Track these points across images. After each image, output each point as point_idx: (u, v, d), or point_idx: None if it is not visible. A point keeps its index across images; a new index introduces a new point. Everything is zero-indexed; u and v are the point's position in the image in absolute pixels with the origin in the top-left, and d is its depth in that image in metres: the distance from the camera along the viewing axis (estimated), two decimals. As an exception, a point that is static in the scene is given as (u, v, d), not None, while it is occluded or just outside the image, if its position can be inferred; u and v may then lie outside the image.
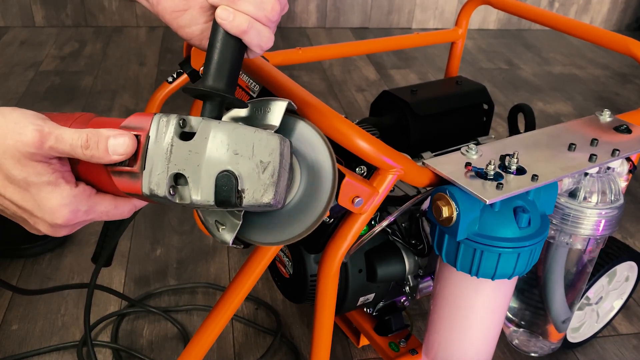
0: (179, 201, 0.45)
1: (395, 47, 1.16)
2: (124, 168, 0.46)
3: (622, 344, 1.06)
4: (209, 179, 0.44)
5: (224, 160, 0.44)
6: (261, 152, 0.45)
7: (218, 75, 0.50)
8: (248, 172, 0.45)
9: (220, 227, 0.50)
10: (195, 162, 0.44)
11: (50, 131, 0.45)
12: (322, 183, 0.52)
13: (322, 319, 0.70)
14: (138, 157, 0.45)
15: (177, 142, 0.45)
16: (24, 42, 2.27)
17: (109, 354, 0.97)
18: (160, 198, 0.45)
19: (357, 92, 2.03)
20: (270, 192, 0.45)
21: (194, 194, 0.44)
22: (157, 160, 0.45)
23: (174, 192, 0.45)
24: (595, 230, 0.76)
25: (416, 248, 0.78)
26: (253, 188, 0.45)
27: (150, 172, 0.45)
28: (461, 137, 0.95)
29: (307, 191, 0.52)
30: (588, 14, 2.86)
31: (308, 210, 0.52)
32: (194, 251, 1.22)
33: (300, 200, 0.52)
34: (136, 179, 0.45)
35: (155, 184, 0.45)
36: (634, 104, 2.11)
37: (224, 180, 0.44)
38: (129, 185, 0.46)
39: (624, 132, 0.77)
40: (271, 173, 0.45)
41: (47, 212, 0.47)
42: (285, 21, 2.62)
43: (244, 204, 0.45)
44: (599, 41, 0.94)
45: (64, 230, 0.50)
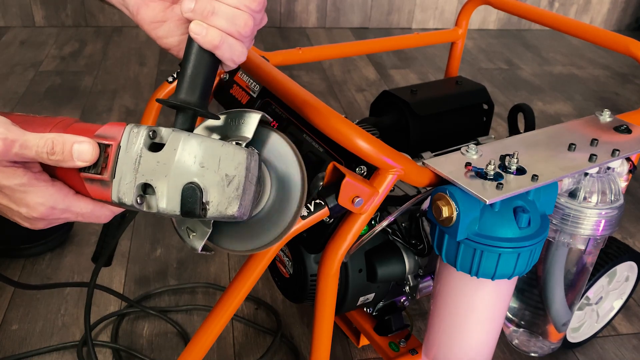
0: (146, 209, 0.46)
1: (395, 47, 1.16)
2: (95, 176, 0.47)
3: (622, 344, 1.06)
4: (176, 190, 0.45)
5: (190, 173, 0.46)
6: (227, 165, 0.46)
7: (190, 89, 0.51)
8: (213, 185, 0.46)
9: (191, 234, 0.52)
10: (163, 172, 0.45)
11: (14, 138, 0.46)
12: (291, 194, 0.53)
13: (322, 319, 0.70)
14: (109, 166, 0.47)
15: (145, 153, 0.46)
16: (24, 42, 2.27)
17: (109, 354, 0.97)
18: (128, 206, 0.46)
19: (357, 92, 2.03)
20: (235, 205, 0.47)
21: (160, 204, 0.46)
22: (126, 170, 0.46)
23: (142, 200, 0.46)
24: (595, 230, 0.76)
25: (416, 248, 0.78)
26: (217, 200, 0.46)
27: (120, 181, 0.46)
28: (461, 137, 0.96)
29: (276, 202, 0.53)
30: (588, 14, 2.86)
31: (277, 221, 0.53)
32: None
33: (270, 210, 0.53)
34: (106, 187, 0.47)
35: (124, 193, 0.46)
36: (634, 104, 2.11)
37: (189, 192, 0.45)
38: (99, 192, 0.47)
39: (624, 132, 0.77)
40: (236, 187, 0.47)
41: (23, 207, 0.48)
42: (286, 21, 2.62)
43: (208, 215, 0.46)
44: (599, 41, 0.94)
45: (42, 224, 0.51)
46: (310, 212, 0.63)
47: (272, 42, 2.44)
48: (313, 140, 0.77)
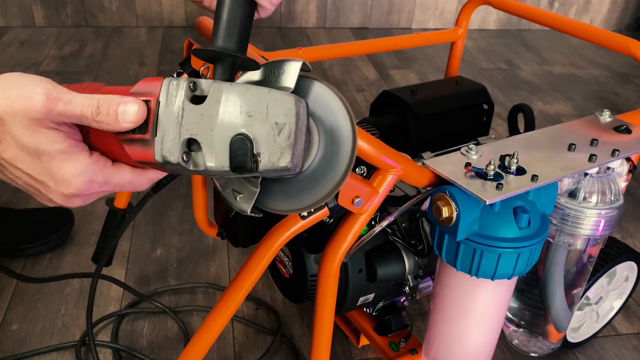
0: (193, 168, 0.43)
1: (395, 47, 1.16)
2: (135, 136, 0.43)
3: (622, 344, 1.06)
4: (223, 143, 0.42)
5: (237, 124, 0.42)
6: (276, 113, 0.43)
7: (228, 35, 0.48)
8: (263, 134, 0.43)
9: (238, 196, 0.49)
10: (208, 126, 0.42)
11: (59, 96, 0.43)
12: (341, 146, 0.49)
13: (322, 319, 0.70)
14: (149, 124, 0.43)
15: (188, 106, 0.43)
16: (24, 42, 2.27)
17: (109, 354, 0.97)
18: (174, 165, 0.43)
19: (357, 92, 2.03)
20: (287, 155, 0.43)
21: (208, 160, 0.42)
22: (168, 125, 0.43)
23: (188, 158, 0.43)
24: (595, 230, 0.76)
25: (416, 248, 0.78)
26: (269, 151, 0.43)
27: (162, 139, 0.43)
28: (461, 137, 0.95)
29: (325, 155, 0.49)
30: (588, 14, 2.86)
31: (327, 176, 0.49)
32: (194, 251, 1.22)
33: (318, 165, 0.50)
34: (148, 147, 0.43)
35: (168, 151, 0.42)
36: (634, 104, 2.11)
37: (238, 145, 0.42)
38: (141, 154, 0.44)
39: (623, 132, 0.77)
40: (287, 135, 0.43)
41: (60, 182, 0.45)
42: (286, 21, 2.62)
43: (260, 168, 0.43)
44: (599, 41, 0.94)
45: (78, 201, 0.47)
46: (310, 212, 0.63)
47: (272, 42, 2.44)
48: (313, 140, 0.77)
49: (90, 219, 1.28)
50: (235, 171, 0.43)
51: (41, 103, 0.42)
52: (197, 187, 1.03)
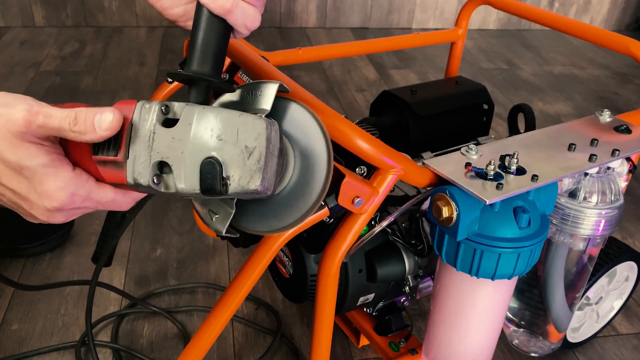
0: (164, 190, 0.44)
1: (395, 47, 1.16)
2: (108, 157, 0.44)
3: (622, 344, 1.06)
4: (194, 166, 0.43)
5: (208, 147, 0.43)
6: (247, 137, 0.44)
7: (202, 59, 0.48)
8: (233, 158, 0.43)
9: (214, 217, 0.49)
10: (179, 149, 0.43)
11: (39, 110, 0.44)
12: (316, 169, 0.49)
13: (322, 319, 0.70)
14: (122, 146, 0.44)
15: (159, 129, 0.43)
16: (24, 42, 2.27)
17: (109, 354, 0.97)
18: (145, 187, 0.44)
19: (357, 92, 2.03)
20: (257, 178, 0.44)
21: (178, 182, 0.43)
22: (139, 149, 0.43)
23: (159, 180, 0.44)
24: (595, 230, 0.76)
25: (416, 248, 0.78)
26: (239, 174, 0.43)
27: (134, 161, 0.44)
28: (461, 137, 0.95)
29: (301, 176, 0.50)
30: (588, 14, 2.86)
31: (303, 197, 0.50)
32: (194, 251, 1.22)
33: (294, 186, 0.50)
34: (121, 169, 0.44)
35: (139, 173, 0.43)
36: (634, 104, 2.11)
37: (208, 168, 0.43)
38: (114, 175, 0.45)
39: (624, 132, 0.77)
40: (257, 158, 0.44)
41: (43, 196, 0.46)
42: (286, 21, 2.62)
43: (230, 191, 0.44)
44: (599, 41, 0.94)
45: (60, 216, 0.48)
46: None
47: (272, 42, 2.44)
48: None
49: (90, 219, 1.28)
50: (205, 194, 0.44)
51: (22, 117, 0.44)
52: (197, 187, 1.03)
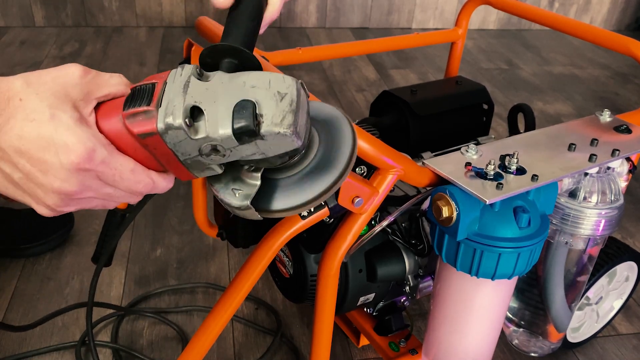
0: (194, 136, 0.43)
1: (395, 47, 1.16)
2: (139, 109, 0.44)
3: (622, 344, 1.06)
4: (227, 109, 0.43)
5: (241, 92, 0.44)
6: (278, 85, 0.45)
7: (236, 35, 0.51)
8: (266, 99, 0.44)
9: (237, 192, 0.49)
10: (212, 98, 0.43)
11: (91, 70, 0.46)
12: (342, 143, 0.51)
13: (322, 319, 0.70)
14: (154, 97, 0.44)
15: (193, 80, 0.44)
16: (24, 42, 2.27)
17: (109, 354, 0.97)
18: (176, 130, 0.43)
19: (357, 92, 2.03)
20: (290, 118, 0.43)
21: (210, 126, 0.43)
22: (173, 95, 0.43)
23: (190, 124, 0.43)
24: (595, 230, 0.76)
25: (416, 248, 0.78)
26: (272, 113, 0.43)
27: (167, 107, 0.43)
28: (461, 137, 0.96)
29: (325, 153, 0.51)
30: (588, 14, 2.86)
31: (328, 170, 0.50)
32: (194, 251, 1.22)
33: (319, 161, 0.51)
34: (151, 117, 0.43)
35: (171, 114, 0.43)
36: (634, 104, 2.11)
37: (241, 106, 0.43)
38: (143, 125, 0.44)
39: (624, 132, 0.77)
40: (289, 102, 0.44)
41: (60, 149, 0.43)
42: (286, 21, 2.62)
43: (262, 130, 0.43)
44: (599, 41, 0.94)
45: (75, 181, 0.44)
46: (310, 212, 0.63)
47: (272, 42, 2.44)
48: (313, 140, 0.77)
49: (90, 219, 1.28)
50: (237, 136, 0.43)
51: (78, 71, 0.45)
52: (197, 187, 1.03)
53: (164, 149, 0.45)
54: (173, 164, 0.46)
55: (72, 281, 1.12)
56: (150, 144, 0.45)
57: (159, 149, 0.45)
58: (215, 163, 0.46)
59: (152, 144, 0.45)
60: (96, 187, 0.46)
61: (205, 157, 0.45)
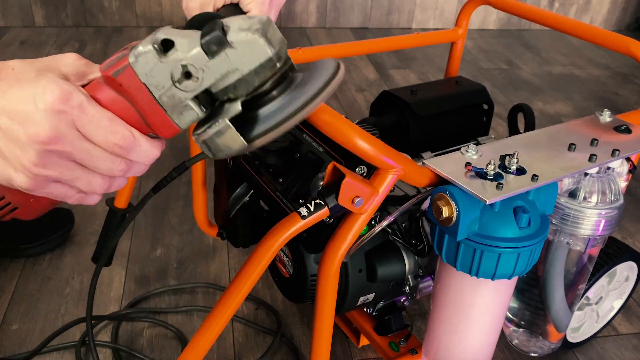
0: (164, 60, 0.43)
1: (395, 47, 1.16)
2: (114, 55, 0.45)
3: (622, 344, 1.06)
4: (195, 33, 0.44)
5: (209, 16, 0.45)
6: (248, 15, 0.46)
7: None
8: (234, 19, 0.45)
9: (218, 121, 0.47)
10: (184, 34, 0.44)
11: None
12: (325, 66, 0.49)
13: (322, 319, 0.70)
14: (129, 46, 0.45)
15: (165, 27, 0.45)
16: (24, 42, 2.27)
17: (109, 354, 0.97)
18: (145, 53, 0.43)
19: (357, 92, 2.03)
20: (256, 24, 0.44)
21: (180, 50, 0.43)
22: (144, 39, 0.44)
23: (160, 49, 0.43)
24: (595, 230, 0.76)
25: (416, 248, 0.78)
26: (238, 24, 0.44)
27: (138, 45, 0.44)
28: (461, 137, 0.96)
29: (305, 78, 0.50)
30: (588, 14, 2.86)
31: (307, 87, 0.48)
32: (194, 251, 1.22)
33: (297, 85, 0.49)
34: (124, 57, 0.44)
35: (142, 44, 0.43)
36: (634, 104, 2.11)
37: (209, 25, 0.43)
38: (117, 64, 0.44)
39: (624, 132, 0.77)
40: (258, 19, 0.45)
41: (39, 93, 0.42)
42: (286, 21, 2.63)
43: (229, 36, 0.43)
44: (599, 41, 0.94)
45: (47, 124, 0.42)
46: (310, 212, 0.63)
47: (272, 42, 2.44)
48: (313, 140, 0.77)
49: (90, 219, 1.28)
50: (205, 46, 0.43)
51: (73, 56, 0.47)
52: (197, 187, 1.03)
53: (137, 84, 0.44)
54: (150, 108, 0.45)
55: (72, 281, 1.12)
56: (124, 82, 0.44)
57: (132, 87, 0.44)
58: (191, 93, 0.45)
59: (125, 82, 0.44)
60: (72, 139, 0.44)
61: (179, 85, 0.44)
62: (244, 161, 0.86)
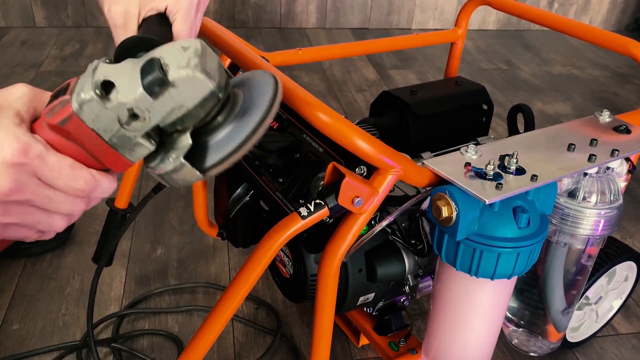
0: (108, 105, 0.43)
1: (395, 48, 1.16)
2: (55, 102, 0.44)
3: (621, 344, 1.06)
4: (135, 74, 0.44)
5: (146, 58, 0.45)
6: (181, 43, 0.45)
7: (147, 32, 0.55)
8: (170, 53, 0.44)
9: (171, 158, 0.48)
10: (122, 73, 0.44)
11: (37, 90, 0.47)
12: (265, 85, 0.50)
13: (322, 318, 0.70)
14: (68, 90, 0.45)
15: (102, 64, 0.45)
16: (24, 43, 2.27)
17: (109, 354, 0.98)
18: (89, 104, 0.43)
19: (357, 92, 2.03)
20: (195, 60, 0.44)
21: (121, 92, 0.43)
22: (85, 80, 0.44)
23: (102, 94, 0.43)
24: (594, 230, 0.76)
25: (416, 248, 0.78)
26: (177, 61, 0.44)
27: (79, 89, 0.44)
28: (461, 137, 0.96)
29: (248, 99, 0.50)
30: (587, 14, 2.86)
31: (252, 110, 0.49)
32: (194, 251, 1.22)
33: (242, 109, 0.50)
34: (66, 103, 0.44)
35: (83, 92, 0.43)
36: (633, 104, 2.11)
37: (147, 65, 0.44)
38: (60, 113, 0.44)
39: (623, 133, 0.77)
40: (194, 51, 0.45)
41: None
42: (286, 22, 2.63)
43: (170, 76, 0.44)
44: (599, 42, 0.94)
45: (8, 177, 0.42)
46: (310, 212, 0.63)
47: (272, 42, 2.44)
48: (313, 140, 0.77)
49: (90, 219, 1.28)
50: (148, 89, 0.43)
51: (24, 89, 0.45)
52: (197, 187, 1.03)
53: (86, 132, 0.44)
54: (102, 149, 0.46)
55: (73, 281, 1.12)
56: (72, 129, 0.44)
57: (81, 133, 0.45)
58: (140, 132, 0.45)
59: (73, 130, 0.44)
60: (33, 188, 0.44)
61: (127, 127, 0.44)
62: (244, 161, 0.86)
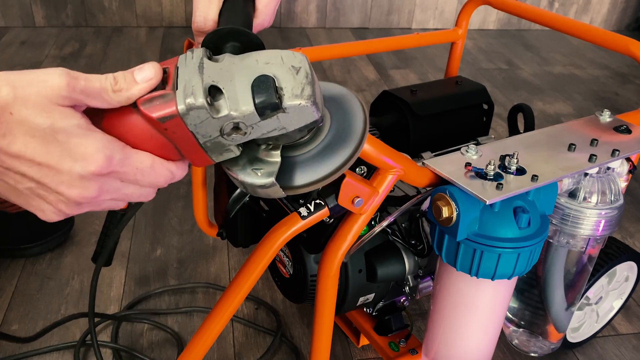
0: (215, 115, 0.43)
1: (395, 47, 1.16)
2: (154, 93, 0.43)
3: (621, 344, 1.06)
4: (245, 86, 0.43)
5: (256, 69, 0.44)
6: (291, 60, 0.45)
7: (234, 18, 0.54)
8: (282, 73, 0.44)
9: (259, 171, 0.48)
10: (228, 77, 0.44)
11: (78, 75, 0.43)
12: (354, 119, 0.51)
13: (322, 319, 0.70)
14: (169, 81, 0.44)
15: (206, 61, 0.44)
16: (24, 43, 2.27)
17: (109, 354, 0.97)
18: (198, 110, 0.42)
19: (357, 92, 2.03)
20: (308, 89, 0.44)
21: (231, 104, 0.43)
22: (189, 76, 0.43)
23: (211, 103, 0.43)
24: (595, 230, 0.76)
25: (416, 248, 0.78)
26: (291, 85, 0.44)
27: (185, 87, 0.43)
28: (461, 137, 0.96)
29: (339, 125, 0.51)
30: (588, 14, 2.86)
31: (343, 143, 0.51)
32: (194, 251, 1.22)
33: (335, 133, 0.51)
34: (169, 99, 0.43)
35: (192, 95, 0.42)
36: (633, 104, 2.11)
37: (260, 82, 0.43)
38: (162, 108, 0.43)
39: (623, 133, 0.77)
40: (305, 75, 0.45)
41: (78, 160, 0.42)
42: (286, 21, 2.63)
43: (285, 102, 0.44)
44: (599, 41, 0.94)
45: (93, 188, 0.43)
46: (310, 212, 0.63)
47: (272, 42, 2.44)
48: (313, 140, 0.77)
49: (90, 219, 1.28)
50: (260, 109, 0.43)
51: (65, 81, 0.42)
52: (197, 187, 1.03)
53: (184, 132, 0.44)
54: (191, 148, 0.46)
55: (72, 281, 1.12)
56: (170, 127, 0.44)
57: (178, 132, 0.44)
58: (235, 143, 0.45)
59: (171, 128, 0.44)
60: (117, 188, 0.46)
61: (226, 137, 0.44)
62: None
